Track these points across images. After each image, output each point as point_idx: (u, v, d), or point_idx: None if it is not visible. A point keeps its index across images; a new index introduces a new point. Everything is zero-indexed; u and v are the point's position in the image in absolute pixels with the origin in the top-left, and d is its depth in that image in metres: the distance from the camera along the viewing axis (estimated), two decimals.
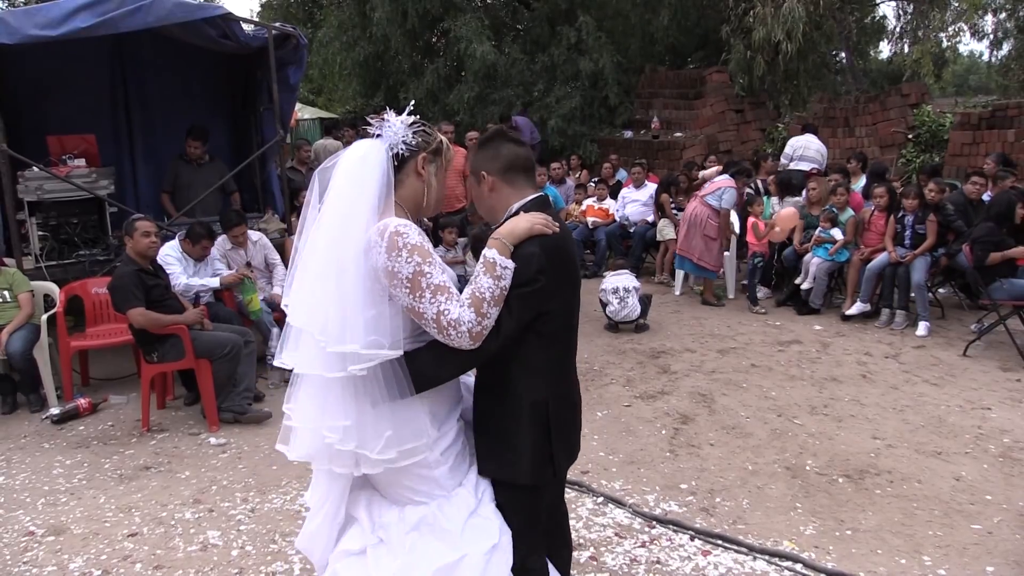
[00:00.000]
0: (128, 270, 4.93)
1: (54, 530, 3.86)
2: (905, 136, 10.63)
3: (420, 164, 2.19)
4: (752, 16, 12.02)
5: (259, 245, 6.44)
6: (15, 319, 5.47)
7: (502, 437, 2.25)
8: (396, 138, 2.15)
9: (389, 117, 2.18)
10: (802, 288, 7.61)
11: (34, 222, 6.12)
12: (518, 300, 2.09)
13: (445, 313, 1.99)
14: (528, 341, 2.18)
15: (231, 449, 4.79)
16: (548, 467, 2.26)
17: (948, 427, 4.78)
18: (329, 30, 15.41)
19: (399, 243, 1.99)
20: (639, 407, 5.25)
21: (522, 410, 2.21)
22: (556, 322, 2.22)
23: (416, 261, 1.99)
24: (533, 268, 2.09)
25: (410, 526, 2.18)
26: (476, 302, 2.01)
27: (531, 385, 2.21)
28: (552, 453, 2.25)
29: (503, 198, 2.26)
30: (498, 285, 2.04)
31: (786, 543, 3.52)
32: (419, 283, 1.99)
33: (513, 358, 2.19)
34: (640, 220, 9.42)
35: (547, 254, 2.11)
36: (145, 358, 5.09)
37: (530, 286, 2.09)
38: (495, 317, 2.05)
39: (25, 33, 5.58)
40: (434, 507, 2.19)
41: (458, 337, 2.00)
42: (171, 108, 7.73)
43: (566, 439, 2.33)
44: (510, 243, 2.09)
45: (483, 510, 2.23)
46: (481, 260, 2.09)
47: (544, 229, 2.13)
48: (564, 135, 13.22)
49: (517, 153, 2.28)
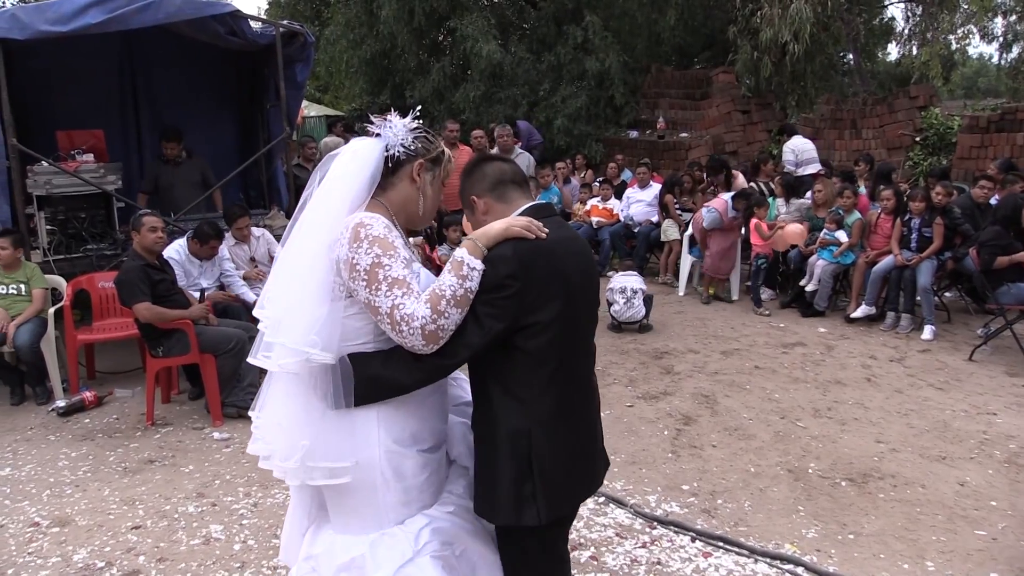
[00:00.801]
0: (134, 265, 4.95)
1: (59, 521, 3.88)
2: (912, 139, 10.62)
3: (416, 170, 2.12)
4: (759, 17, 12.00)
5: (262, 240, 6.47)
6: (25, 312, 5.51)
7: (481, 467, 2.10)
8: (395, 140, 2.10)
9: (392, 118, 2.13)
10: (807, 290, 7.60)
11: (42, 216, 6.16)
12: (485, 307, 1.94)
13: (399, 307, 1.88)
14: (510, 357, 2.02)
15: (234, 444, 4.81)
16: (529, 509, 2.02)
17: (953, 432, 4.77)
18: (336, 28, 15.43)
19: (361, 234, 1.92)
20: (641, 407, 5.26)
21: (499, 438, 2.04)
22: (542, 337, 2.01)
23: (376, 252, 1.91)
24: (502, 272, 1.94)
25: (338, 566, 2.07)
26: (434, 299, 1.89)
27: (511, 410, 2.03)
28: (534, 494, 2.02)
29: (499, 216, 2.12)
30: (462, 286, 1.91)
31: (788, 546, 3.52)
32: (376, 275, 1.90)
33: (493, 377, 2.05)
34: (644, 220, 9.41)
35: (522, 258, 1.96)
36: (150, 352, 5.11)
37: (499, 292, 1.94)
38: (455, 319, 1.91)
39: (36, 29, 5.63)
40: (367, 547, 2.05)
41: (410, 334, 1.88)
42: (178, 104, 7.78)
43: (555, 481, 2.05)
44: (483, 244, 1.97)
45: (419, 560, 2.04)
46: (451, 259, 1.98)
47: (522, 232, 1.99)
48: (569, 134, 13.21)
49: (503, 169, 2.20)
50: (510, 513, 2.04)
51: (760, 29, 11.81)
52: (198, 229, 5.71)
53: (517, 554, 2.17)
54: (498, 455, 2.04)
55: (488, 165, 2.22)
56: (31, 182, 6.05)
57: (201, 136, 7.86)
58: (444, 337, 1.91)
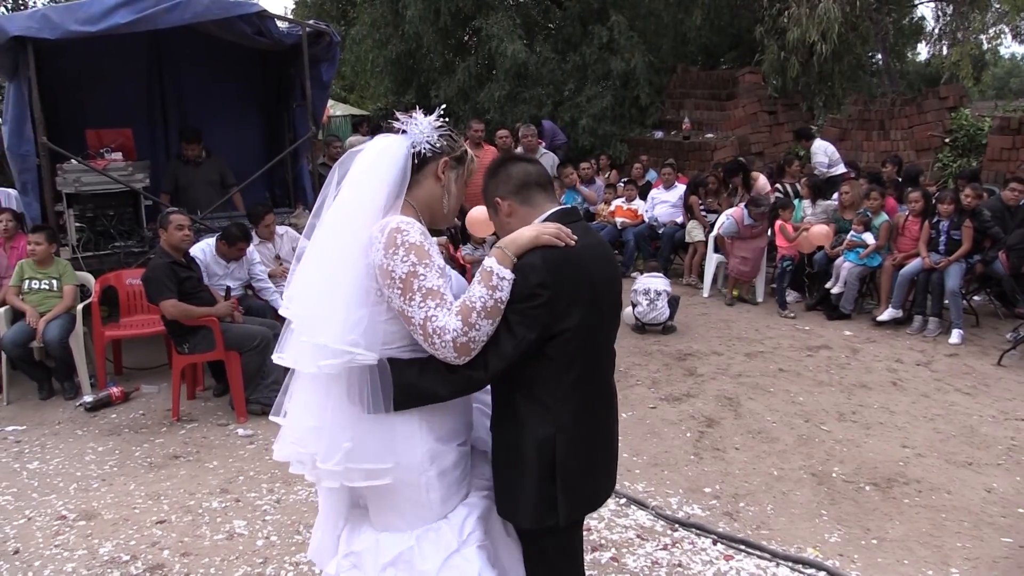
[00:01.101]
0: (161, 262, 5.01)
1: (85, 515, 3.94)
2: (942, 140, 10.47)
3: (441, 168, 2.12)
4: (787, 16, 11.89)
5: (286, 237, 6.53)
6: (55, 308, 5.60)
7: (505, 472, 2.12)
8: (421, 137, 2.09)
9: (417, 116, 2.12)
10: (832, 292, 7.52)
11: (71, 213, 6.24)
12: (517, 316, 1.94)
13: (432, 319, 1.87)
14: (536, 366, 2.02)
15: (258, 440, 4.85)
16: (551, 514, 2.06)
17: (980, 437, 4.70)
18: (362, 27, 15.49)
19: (397, 240, 1.91)
20: (664, 409, 5.23)
21: (525, 444, 2.05)
22: (570, 345, 2.02)
23: (412, 261, 1.89)
24: (532, 281, 1.93)
25: (386, 561, 2.08)
26: (465, 311, 1.88)
27: (537, 416, 2.04)
28: (556, 497, 2.05)
29: (522, 219, 2.12)
30: (492, 296, 1.90)
31: (810, 550, 3.49)
32: (411, 284, 1.88)
33: (518, 384, 2.05)
34: (669, 221, 9.37)
35: (551, 267, 1.95)
36: (176, 349, 5.17)
37: (530, 301, 1.93)
38: (487, 331, 1.90)
39: (66, 28, 5.70)
40: (413, 541, 2.07)
41: (442, 347, 1.88)
42: (205, 103, 7.85)
43: (576, 485, 2.09)
44: (512, 253, 1.96)
45: (466, 551, 2.08)
46: (480, 270, 1.97)
47: (552, 240, 1.97)
48: (594, 135, 13.16)
49: (527, 171, 2.17)
50: (533, 516, 2.07)
51: (787, 29, 11.71)
52: (226, 231, 5.73)
53: (536, 552, 2.19)
54: (523, 460, 2.05)
55: (513, 166, 2.20)
56: (60, 180, 6.13)
57: (227, 135, 7.92)
58: (476, 348, 1.91)
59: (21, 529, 3.82)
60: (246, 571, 3.41)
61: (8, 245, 6.43)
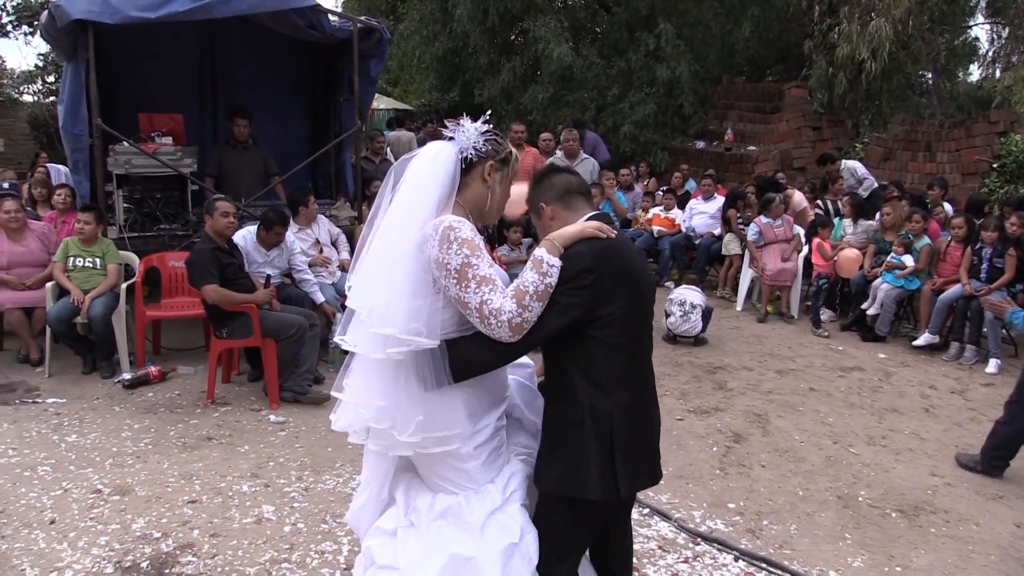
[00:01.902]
0: (205, 247, 5.12)
1: (119, 490, 4.05)
2: (989, 165, 10.29)
3: (487, 171, 2.30)
4: (837, 32, 11.77)
5: (323, 224, 6.65)
6: (100, 286, 5.75)
7: (565, 446, 2.27)
8: (467, 143, 2.27)
9: (464, 123, 2.30)
10: (868, 314, 7.45)
11: (120, 194, 6.38)
12: (564, 296, 2.15)
13: (487, 303, 2.08)
14: (588, 347, 2.22)
15: (289, 427, 4.94)
16: (612, 486, 2.23)
17: (1012, 471, 4.62)
18: (410, 23, 15.63)
19: (451, 236, 2.11)
20: (692, 422, 5.23)
21: (583, 420, 2.23)
22: (615, 327, 2.22)
23: (465, 253, 2.10)
24: (579, 266, 2.15)
25: (437, 514, 2.30)
26: (519, 294, 2.10)
27: (593, 394, 2.23)
28: (615, 470, 2.23)
29: (563, 222, 2.33)
30: (543, 281, 2.11)
31: (832, 573, 3.48)
32: (466, 274, 2.09)
33: (575, 364, 2.25)
34: (706, 232, 9.33)
35: (596, 255, 2.18)
36: (215, 333, 5.28)
37: (575, 282, 2.15)
38: (537, 312, 2.12)
39: (126, 14, 5.84)
40: (461, 498, 2.29)
41: (498, 327, 2.09)
42: (255, 93, 7.96)
43: (632, 457, 2.27)
44: (560, 244, 2.18)
45: (509, 508, 2.31)
46: (531, 258, 2.18)
47: (595, 232, 2.22)
48: (635, 141, 13.14)
49: (569, 180, 2.42)
50: (598, 488, 2.23)
51: (837, 45, 11.59)
52: (264, 216, 5.83)
53: (566, 520, 2.32)
54: (584, 435, 2.23)
55: (556, 176, 2.45)
56: (112, 161, 6.27)
57: (273, 125, 8.02)
58: (527, 328, 2.13)
59: (58, 500, 3.94)
60: (273, 556, 3.48)
61: (60, 220, 6.62)
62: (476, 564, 2.20)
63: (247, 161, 7.26)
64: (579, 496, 2.25)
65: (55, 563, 3.38)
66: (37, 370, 5.87)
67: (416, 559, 2.26)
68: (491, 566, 2.19)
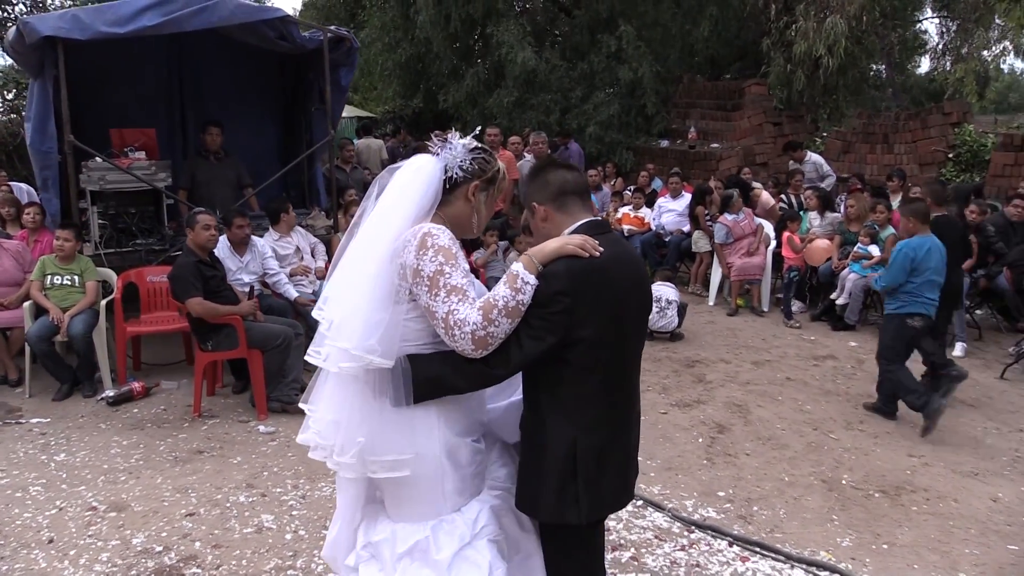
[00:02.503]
0: (188, 261, 5.12)
1: (115, 506, 4.04)
2: (945, 155, 10.62)
3: (471, 191, 2.24)
4: (793, 30, 12.07)
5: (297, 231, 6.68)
6: (79, 304, 5.72)
7: (531, 468, 2.22)
8: (453, 161, 2.21)
9: (452, 139, 2.24)
10: (837, 304, 7.65)
11: (95, 211, 6.33)
12: (538, 320, 2.05)
13: (453, 313, 2.01)
14: (556, 368, 2.13)
15: (280, 437, 4.96)
16: (572, 509, 2.16)
17: (985, 448, 4.83)
18: (372, 31, 15.62)
19: (428, 243, 2.06)
20: (675, 415, 5.35)
21: (549, 443, 2.16)
22: (589, 354, 2.12)
23: (440, 261, 2.04)
24: (552, 288, 2.04)
25: (402, 551, 2.21)
26: (487, 308, 2.01)
27: (561, 418, 2.15)
28: (578, 495, 2.15)
29: (557, 226, 2.24)
30: (515, 298, 2.02)
31: (823, 554, 3.61)
32: (437, 281, 2.03)
33: (544, 387, 2.18)
34: (675, 230, 9.50)
35: (573, 276, 2.06)
36: (200, 346, 5.28)
37: (549, 307, 2.04)
38: (505, 329, 2.02)
39: (96, 29, 5.80)
40: (428, 532, 2.20)
41: (461, 338, 2.00)
42: (224, 105, 7.92)
43: (597, 484, 2.18)
44: (538, 261, 2.08)
45: (477, 544, 2.21)
46: (506, 272, 2.11)
47: (576, 250, 2.09)
48: (601, 142, 13.31)
49: (566, 179, 2.26)
50: (554, 512, 2.18)
51: (794, 42, 11.89)
52: (223, 217, 5.90)
53: (558, 547, 2.29)
54: (545, 458, 2.17)
55: (552, 173, 2.29)
56: (84, 177, 6.21)
57: (244, 136, 7.99)
58: (493, 344, 2.04)
59: (54, 519, 3.92)
60: (277, 563, 3.51)
61: (32, 238, 6.55)
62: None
63: (220, 172, 7.23)
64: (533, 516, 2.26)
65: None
66: (16, 390, 5.81)
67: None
68: None
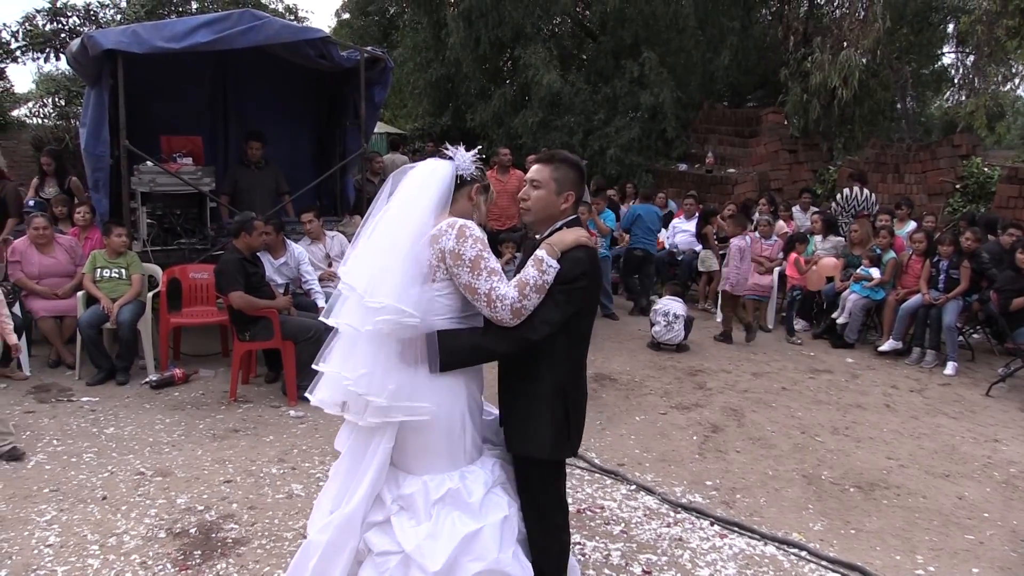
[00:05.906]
0: (233, 258, 5.62)
1: (161, 472, 4.51)
2: (953, 186, 10.95)
3: (473, 192, 2.76)
4: (810, 61, 12.46)
5: (336, 240, 7.14)
6: (126, 294, 6.23)
7: (528, 416, 2.72)
8: (464, 164, 2.74)
9: (460, 149, 2.77)
10: (838, 322, 8.01)
11: (144, 211, 6.87)
12: (564, 295, 2.58)
13: (495, 289, 2.50)
14: (559, 336, 2.63)
15: (308, 421, 5.41)
16: (567, 445, 2.76)
17: (960, 455, 5.18)
18: (404, 50, 16.24)
19: (466, 232, 2.54)
20: (674, 415, 5.75)
21: (546, 396, 2.69)
22: (585, 321, 2.76)
23: (479, 248, 2.54)
24: (579, 270, 2.60)
25: (436, 497, 2.62)
26: (521, 285, 2.53)
27: (556, 373, 2.69)
28: (570, 434, 2.74)
29: (560, 215, 2.77)
30: (541, 277, 2.54)
31: (795, 535, 3.98)
32: (479, 264, 2.52)
33: (544, 350, 2.66)
34: (688, 249, 9.91)
35: (592, 261, 2.65)
36: (238, 336, 5.76)
37: (575, 283, 2.59)
38: (535, 302, 2.54)
39: (152, 44, 6.35)
40: (457, 480, 2.64)
41: (502, 310, 2.50)
42: (264, 117, 8.45)
43: (578, 428, 2.80)
44: (559, 249, 2.61)
45: (497, 489, 2.74)
46: (532, 257, 2.61)
47: (588, 241, 2.69)
48: (621, 164, 13.73)
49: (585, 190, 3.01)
50: (552, 449, 2.74)
51: (811, 73, 12.26)
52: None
53: (541, 480, 2.81)
54: (544, 406, 2.70)
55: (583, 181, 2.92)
56: (136, 180, 6.77)
57: (282, 147, 8.51)
58: (525, 314, 2.55)
59: (106, 481, 4.39)
60: (305, 523, 3.93)
61: (83, 235, 7.09)
62: (480, 536, 2.59)
63: (260, 180, 7.75)
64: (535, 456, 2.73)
65: (112, 530, 3.83)
66: (67, 373, 6.32)
67: (423, 542, 2.56)
68: (491, 538, 2.61)
